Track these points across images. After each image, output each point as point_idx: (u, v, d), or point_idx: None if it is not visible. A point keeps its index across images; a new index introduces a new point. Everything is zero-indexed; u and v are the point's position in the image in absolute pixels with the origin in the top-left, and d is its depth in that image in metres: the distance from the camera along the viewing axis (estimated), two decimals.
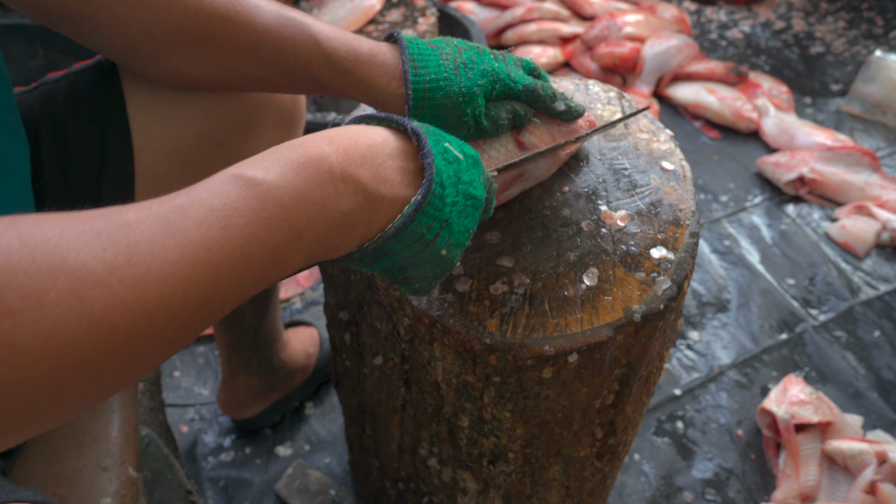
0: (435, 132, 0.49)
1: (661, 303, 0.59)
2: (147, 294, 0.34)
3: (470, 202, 0.49)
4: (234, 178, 0.40)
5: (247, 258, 0.38)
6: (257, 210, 0.39)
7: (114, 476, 0.68)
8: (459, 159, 0.49)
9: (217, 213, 0.38)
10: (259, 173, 0.40)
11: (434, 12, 1.57)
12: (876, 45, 2.14)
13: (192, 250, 0.36)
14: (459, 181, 0.48)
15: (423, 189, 0.46)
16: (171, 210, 0.37)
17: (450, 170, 0.48)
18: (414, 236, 0.47)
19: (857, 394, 1.23)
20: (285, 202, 0.40)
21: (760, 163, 1.66)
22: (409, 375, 0.66)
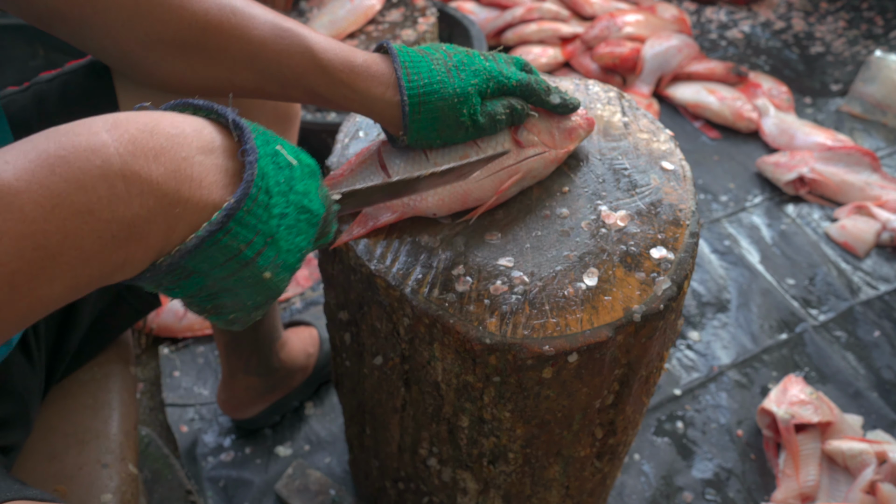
0: (266, 133, 0.42)
1: (661, 303, 0.59)
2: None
3: (304, 216, 0.42)
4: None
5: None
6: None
7: (114, 473, 0.68)
8: (293, 165, 0.41)
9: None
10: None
11: (434, 12, 1.57)
12: (876, 45, 2.14)
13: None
14: (291, 190, 0.41)
15: (240, 192, 0.37)
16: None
17: (280, 175, 0.40)
18: (228, 252, 0.38)
19: (857, 394, 1.23)
20: (27, 211, 0.31)
21: (760, 163, 1.66)
22: (409, 375, 0.66)
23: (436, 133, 0.60)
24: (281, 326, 1.06)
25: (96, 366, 0.76)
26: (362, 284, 0.63)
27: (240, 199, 0.37)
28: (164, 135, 0.36)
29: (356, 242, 0.63)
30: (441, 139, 0.61)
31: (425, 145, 0.62)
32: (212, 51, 0.56)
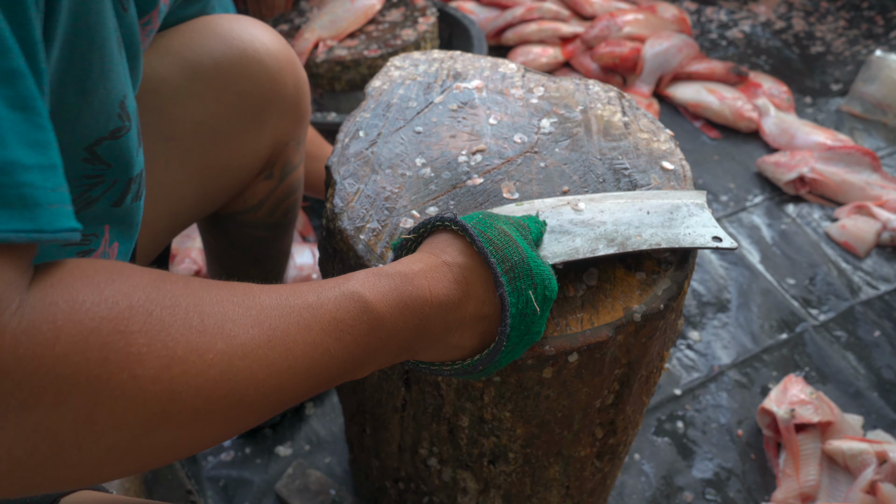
0: (525, 271, 0.50)
1: (661, 303, 0.59)
2: (274, 378, 0.38)
3: (529, 343, 0.52)
4: (357, 297, 0.44)
5: (338, 368, 0.43)
6: (363, 334, 0.43)
7: None
8: (536, 311, 0.50)
9: (338, 325, 0.42)
10: (376, 300, 0.44)
11: (434, 12, 1.57)
12: (876, 44, 2.14)
13: (312, 351, 0.40)
14: (528, 332, 0.51)
15: (486, 359, 0.50)
16: (303, 307, 0.41)
17: (522, 325, 0.50)
18: (463, 373, 0.52)
19: (858, 394, 1.23)
20: (383, 335, 0.45)
21: (760, 162, 1.66)
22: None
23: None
24: None
25: None
26: None
27: (486, 363, 0.51)
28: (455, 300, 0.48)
29: (356, 241, 0.63)
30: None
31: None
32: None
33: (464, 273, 0.49)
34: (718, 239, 0.59)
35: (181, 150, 0.69)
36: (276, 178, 0.81)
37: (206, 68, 0.68)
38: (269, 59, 0.72)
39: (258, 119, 0.73)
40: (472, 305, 0.49)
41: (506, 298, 0.48)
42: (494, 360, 0.50)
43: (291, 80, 0.75)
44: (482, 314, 0.50)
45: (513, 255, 0.50)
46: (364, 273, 0.46)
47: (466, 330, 0.50)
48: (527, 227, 0.54)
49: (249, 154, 0.74)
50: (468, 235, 0.50)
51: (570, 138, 0.73)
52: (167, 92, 0.67)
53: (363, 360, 0.44)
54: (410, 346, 0.47)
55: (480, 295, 0.49)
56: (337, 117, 1.46)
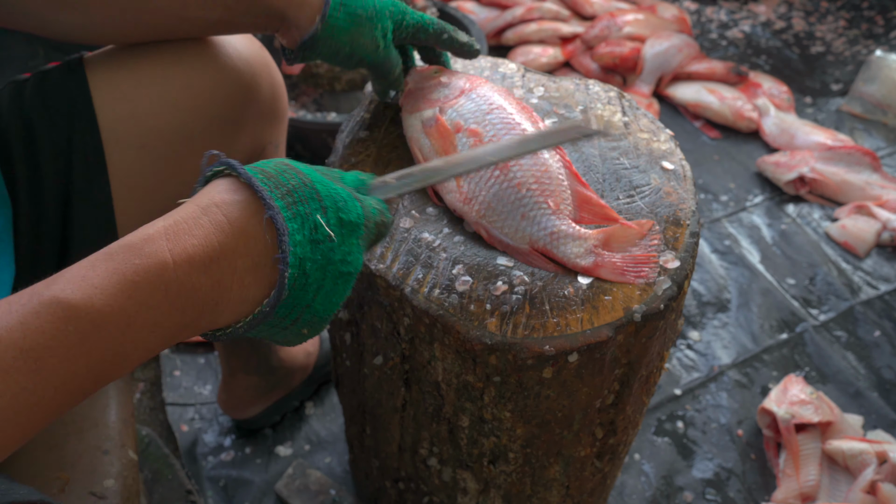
0: (307, 198, 0.44)
1: (662, 303, 0.59)
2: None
3: (340, 280, 0.45)
4: (52, 304, 0.36)
5: (63, 391, 0.37)
6: (76, 345, 0.36)
7: (115, 459, 0.68)
8: (331, 238, 0.44)
9: (27, 356, 0.35)
10: (82, 297, 0.37)
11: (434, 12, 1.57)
12: (876, 44, 2.14)
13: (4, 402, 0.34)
14: (329, 262, 0.44)
15: (274, 297, 0.43)
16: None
17: (317, 253, 0.44)
18: (269, 325, 0.45)
19: (858, 394, 1.23)
20: (111, 330, 0.38)
21: (761, 162, 1.66)
22: (409, 375, 0.66)
23: (347, 38, 0.62)
24: None
25: None
26: (362, 284, 0.63)
27: (273, 306, 0.43)
28: (213, 246, 0.41)
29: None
30: (349, 48, 0.63)
31: (330, 52, 0.64)
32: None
33: (228, 212, 0.43)
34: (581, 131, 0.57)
35: (155, 157, 0.68)
36: None
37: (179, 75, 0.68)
38: (242, 63, 0.71)
39: (234, 125, 0.73)
40: (243, 248, 0.42)
41: (278, 220, 0.42)
42: (288, 299, 0.43)
43: (266, 83, 0.74)
44: (260, 257, 0.43)
45: (290, 181, 0.44)
46: (75, 267, 0.39)
47: (247, 278, 0.43)
48: (336, 174, 0.49)
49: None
50: (230, 167, 0.44)
51: None
52: (140, 100, 0.67)
53: (102, 367, 0.38)
54: (171, 321, 0.40)
55: (255, 233, 0.43)
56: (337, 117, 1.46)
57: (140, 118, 0.67)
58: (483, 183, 0.61)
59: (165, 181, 0.70)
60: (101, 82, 0.66)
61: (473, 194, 0.62)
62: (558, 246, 0.60)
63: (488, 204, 0.61)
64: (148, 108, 0.67)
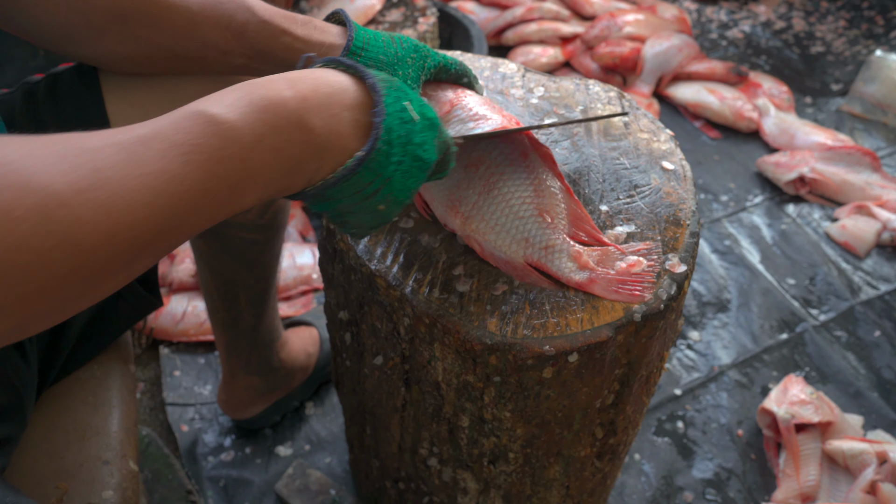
0: (398, 88, 0.50)
1: (661, 303, 0.59)
2: (110, 217, 0.36)
3: (416, 164, 0.50)
4: (198, 114, 0.41)
5: (204, 192, 0.40)
6: (217, 148, 0.40)
7: (115, 469, 0.68)
8: (415, 120, 0.49)
9: (179, 148, 0.39)
10: (222, 111, 0.41)
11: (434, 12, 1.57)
12: (876, 44, 2.14)
13: (153, 181, 0.37)
14: (409, 142, 0.49)
15: (368, 146, 0.47)
16: (133, 140, 0.38)
17: (402, 129, 0.49)
18: (354, 187, 0.48)
19: (858, 394, 1.23)
20: (244, 143, 0.42)
21: (761, 162, 1.66)
22: (409, 375, 0.66)
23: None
24: (281, 326, 1.06)
25: (96, 364, 0.76)
26: (363, 284, 0.63)
27: (368, 151, 0.47)
28: (323, 94, 0.47)
29: (356, 242, 0.63)
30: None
31: None
32: (154, 18, 0.59)
33: (334, 75, 0.49)
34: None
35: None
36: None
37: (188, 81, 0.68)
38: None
39: None
40: (348, 102, 0.48)
41: (378, 86, 0.48)
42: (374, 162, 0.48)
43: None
44: (360, 114, 0.48)
45: (380, 74, 0.50)
46: (213, 94, 0.44)
47: (349, 130, 0.48)
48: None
49: None
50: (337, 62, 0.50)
51: (571, 138, 0.73)
52: (150, 107, 0.67)
53: (234, 181, 0.42)
54: (288, 152, 0.44)
55: (357, 94, 0.48)
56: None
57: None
58: (476, 197, 0.61)
59: None
60: (114, 88, 0.66)
61: (466, 209, 0.61)
62: (552, 260, 0.59)
63: (481, 217, 0.60)
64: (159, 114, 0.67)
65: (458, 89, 0.67)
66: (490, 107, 0.64)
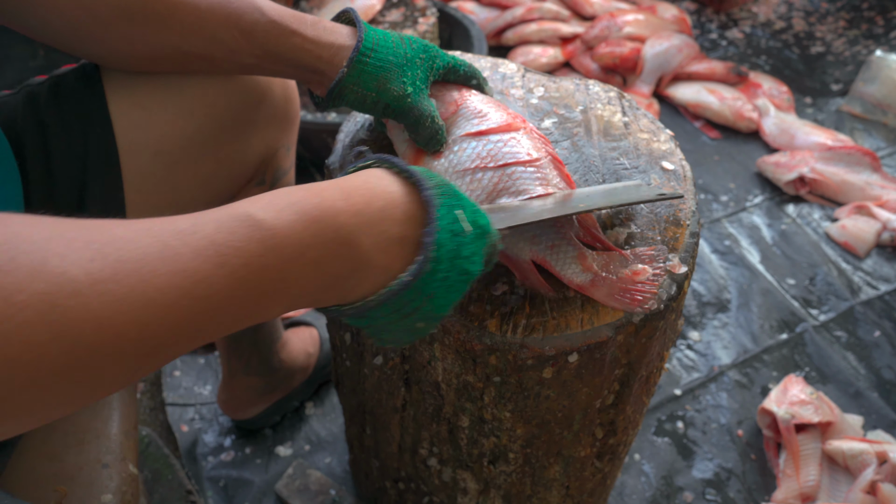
0: (451, 195, 0.47)
1: (662, 303, 0.59)
2: (123, 314, 0.33)
3: (462, 277, 0.47)
4: (244, 216, 0.39)
5: (230, 300, 0.37)
6: (256, 255, 0.38)
7: (114, 473, 0.68)
8: (466, 233, 0.47)
9: (217, 249, 0.37)
10: (270, 217, 0.39)
11: (434, 12, 1.57)
12: (876, 44, 2.14)
13: (180, 280, 0.35)
14: (458, 256, 0.46)
15: (416, 269, 0.45)
16: (172, 234, 0.36)
17: (452, 243, 0.46)
18: (393, 308, 0.46)
19: (858, 394, 1.23)
20: (286, 254, 0.40)
21: (761, 163, 1.66)
22: (409, 375, 0.66)
23: (374, 84, 0.61)
24: (281, 326, 1.06)
25: None
26: None
27: (415, 275, 0.45)
28: (376, 208, 0.44)
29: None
30: (376, 94, 0.62)
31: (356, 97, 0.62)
32: (161, 15, 0.57)
33: (388, 185, 0.46)
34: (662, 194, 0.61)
35: (169, 162, 0.68)
36: (267, 183, 0.81)
37: (194, 82, 0.68)
38: None
39: (247, 129, 0.73)
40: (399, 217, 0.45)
41: (431, 200, 0.45)
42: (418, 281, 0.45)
43: (279, 86, 0.75)
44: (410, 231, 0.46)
45: (434, 177, 0.48)
46: (261, 195, 0.42)
47: (395, 248, 0.45)
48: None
49: (239, 163, 0.74)
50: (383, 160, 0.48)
51: (571, 139, 0.73)
52: (154, 107, 0.67)
53: (265, 290, 0.39)
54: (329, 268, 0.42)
55: (409, 209, 0.46)
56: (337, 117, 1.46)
57: (155, 125, 0.67)
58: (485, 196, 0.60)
59: (178, 186, 0.70)
60: (117, 89, 0.66)
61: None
62: (557, 259, 0.59)
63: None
64: (163, 114, 0.67)
65: (463, 90, 0.67)
66: (495, 105, 0.65)
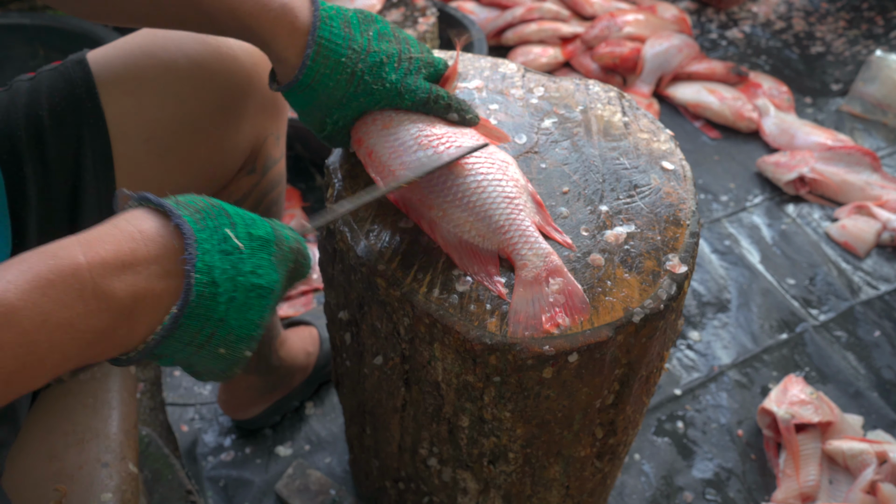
0: (217, 216, 0.46)
1: (661, 303, 0.59)
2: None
3: (253, 293, 0.46)
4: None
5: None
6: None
7: (114, 472, 0.68)
8: (241, 248, 0.45)
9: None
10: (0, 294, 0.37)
11: (434, 12, 1.57)
12: (876, 44, 2.14)
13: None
14: (238, 273, 0.45)
15: (181, 301, 0.43)
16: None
17: (226, 263, 0.44)
18: (183, 341, 0.44)
19: (858, 394, 1.23)
20: (25, 326, 0.38)
21: (761, 163, 1.66)
22: (409, 375, 0.66)
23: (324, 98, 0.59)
24: (280, 324, 1.06)
25: (96, 365, 0.76)
26: (363, 284, 0.63)
27: (181, 307, 0.43)
28: (125, 251, 0.42)
29: (356, 242, 0.63)
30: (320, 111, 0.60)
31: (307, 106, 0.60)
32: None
33: (138, 223, 0.44)
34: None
35: (161, 149, 0.69)
36: (258, 172, 0.82)
37: (182, 67, 0.68)
38: (244, 54, 0.72)
39: (236, 115, 0.73)
40: (154, 255, 0.43)
41: (184, 227, 0.43)
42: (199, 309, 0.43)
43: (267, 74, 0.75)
44: (171, 265, 0.44)
45: (198, 203, 0.46)
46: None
47: (159, 285, 0.43)
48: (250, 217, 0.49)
49: (230, 150, 0.75)
50: (142, 199, 0.46)
51: (571, 138, 0.73)
52: (144, 94, 0.67)
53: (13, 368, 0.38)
54: (85, 326, 0.40)
55: (165, 242, 0.44)
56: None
57: (145, 111, 0.67)
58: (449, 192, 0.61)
59: (169, 173, 0.71)
60: (106, 78, 0.67)
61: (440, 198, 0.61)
62: (522, 247, 0.58)
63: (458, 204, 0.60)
64: (153, 100, 0.68)
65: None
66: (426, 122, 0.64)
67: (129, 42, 0.70)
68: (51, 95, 0.66)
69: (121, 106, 0.67)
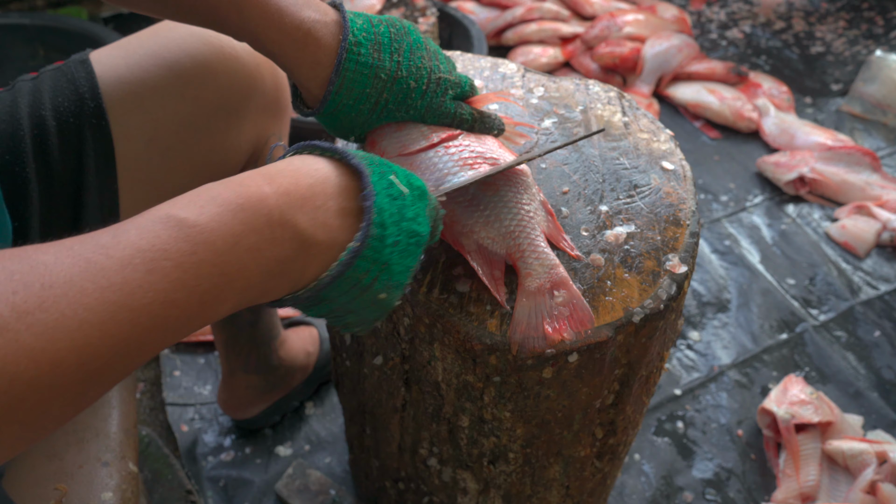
0: (380, 164, 0.47)
1: (661, 303, 0.59)
2: (57, 342, 0.31)
3: (413, 240, 0.47)
4: (166, 217, 0.38)
5: (170, 304, 0.36)
6: (187, 254, 0.37)
7: (114, 471, 0.68)
8: (404, 194, 0.46)
9: (143, 255, 0.35)
10: (192, 214, 0.38)
11: (434, 12, 1.57)
12: (876, 44, 2.14)
13: (112, 294, 0.33)
14: (403, 218, 0.46)
15: (362, 234, 0.44)
16: (94, 249, 0.34)
17: (393, 207, 0.46)
18: (350, 282, 0.45)
19: (858, 394, 1.23)
20: (218, 246, 0.38)
21: (761, 163, 1.66)
22: (409, 375, 0.66)
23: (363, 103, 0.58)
24: (279, 324, 1.06)
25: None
26: None
27: (363, 240, 0.44)
28: (305, 185, 0.44)
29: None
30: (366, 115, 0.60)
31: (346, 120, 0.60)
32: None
33: (314, 164, 0.45)
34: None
35: (163, 149, 0.69)
36: None
37: (185, 67, 0.68)
38: (246, 55, 0.72)
39: (238, 115, 0.73)
40: (332, 191, 0.44)
41: (362, 168, 0.45)
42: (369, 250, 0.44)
43: (269, 74, 0.75)
44: (347, 202, 0.45)
45: (361, 152, 0.47)
46: (180, 196, 0.40)
47: (335, 221, 0.44)
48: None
49: (231, 150, 0.75)
50: (312, 147, 0.47)
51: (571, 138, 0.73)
52: (147, 93, 0.67)
53: (206, 288, 0.37)
54: (269, 253, 0.41)
55: (340, 181, 0.45)
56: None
57: (148, 111, 0.68)
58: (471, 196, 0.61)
59: (171, 172, 0.71)
60: (110, 78, 0.67)
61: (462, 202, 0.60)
62: (528, 256, 0.58)
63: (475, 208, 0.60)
64: (155, 100, 0.68)
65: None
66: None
67: (132, 42, 0.70)
68: (54, 95, 0.66)
69: (124, 106, 0.67)
